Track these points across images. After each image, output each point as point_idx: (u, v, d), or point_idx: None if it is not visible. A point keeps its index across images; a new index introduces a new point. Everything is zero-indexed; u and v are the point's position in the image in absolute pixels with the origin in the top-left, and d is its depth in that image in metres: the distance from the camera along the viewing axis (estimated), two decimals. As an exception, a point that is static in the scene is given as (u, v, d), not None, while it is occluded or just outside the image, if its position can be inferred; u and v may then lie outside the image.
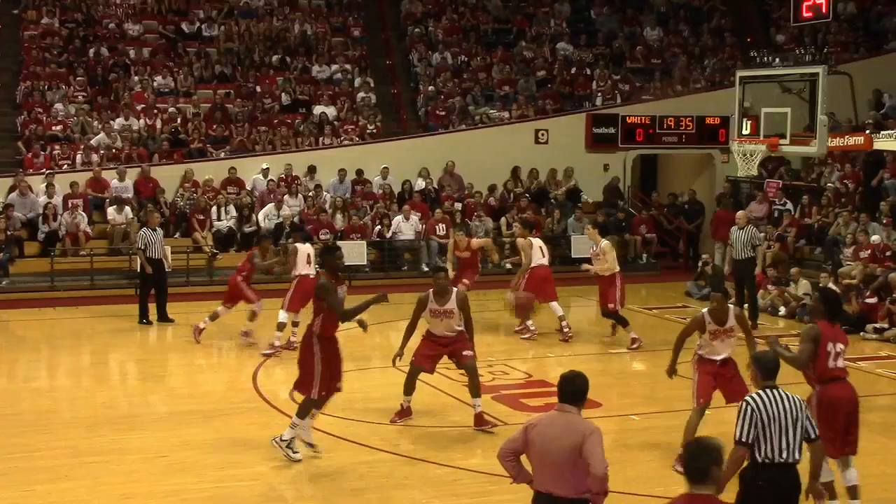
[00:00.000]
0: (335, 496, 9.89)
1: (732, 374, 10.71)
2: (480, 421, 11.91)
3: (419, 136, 25.92)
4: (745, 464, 7.27)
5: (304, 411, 10.70)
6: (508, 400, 13.20)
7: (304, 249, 16.26)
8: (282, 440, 10.66)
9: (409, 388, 12.10)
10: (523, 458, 6.79)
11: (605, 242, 16.68)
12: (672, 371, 10.91)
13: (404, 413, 12.13)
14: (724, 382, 10.64)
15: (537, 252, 17.12)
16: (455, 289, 12.35)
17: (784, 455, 7.21)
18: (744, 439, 7.20)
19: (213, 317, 16.73)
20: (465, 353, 11.95)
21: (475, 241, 17.72)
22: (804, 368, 9.10)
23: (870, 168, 22.45)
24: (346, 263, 16.28)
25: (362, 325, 11.25)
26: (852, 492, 9.36)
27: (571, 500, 6.50)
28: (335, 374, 10.80)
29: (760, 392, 7.34)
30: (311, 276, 15.72)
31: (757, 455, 7.22)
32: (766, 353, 7.81)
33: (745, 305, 17.87)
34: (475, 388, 11.96)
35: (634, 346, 16.15)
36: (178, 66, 26.51)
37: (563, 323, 16.99)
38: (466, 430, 11.96)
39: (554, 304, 17.11)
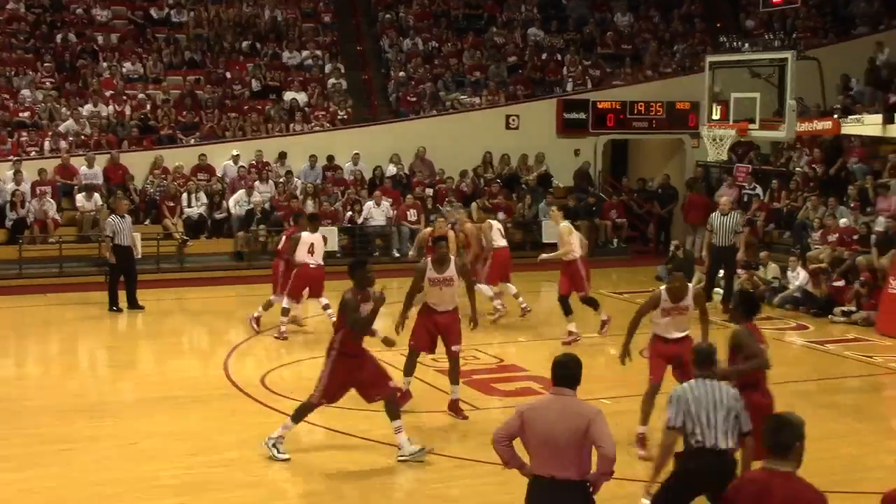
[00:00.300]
0: (311, 481, 9.91)
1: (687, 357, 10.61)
2: (455, 408, 11.96)
3: (390, 121, 25.88)
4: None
5: (298, 415, 10.44)
6: (479, 385, 13.25)
7: (309, 239, 15.93)
8: (269, 439, 10.41)
9: (408, 369, 12.08)
10: (516, 443, 6.77)
11: (562, 225, 16.00)
12: (626, 354, 10.76)
13: (405, 396, 11.95)
14: (677, 364, 10.56)
15: (497, 234, 17.19)
16: (454, 257, 12.32)
17: (714, 441, 7.25)
18: (671, 424, 7.31)
19: (267, 306, 16.33)
20: (453, 348, 11.94)
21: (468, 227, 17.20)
22: (768, 367, 9.02)
23: (830, 154, 22.55)
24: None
25: (388, 342, 10.99)
26: None
27: (574, 482, 6.51)
28: (339, 392, 10.38)
29: (692, 381, 7.45)
30: (312, 266, 15.76)
31: (690, 440, 7.31)
32: (701, 344, 7.95)
33: (716, 290, 17.97)
34: (454, 376, 12.00)
35: (604, 330, 16.06)
36: (148, 52, 26.32)
37: (520, 299, 17.12)
38: (437, 416, 11.99)
39: (509, 285, 17.20)
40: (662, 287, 10.77)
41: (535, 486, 6.65)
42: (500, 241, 17.23)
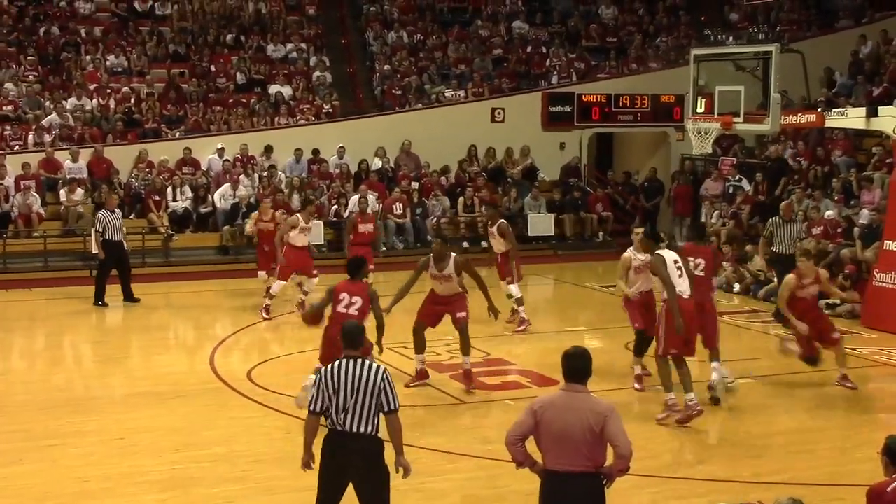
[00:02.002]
0: (298, 476, 9.87)
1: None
2: (468, 377, 12.62)
3: (375, 115, 25.84)
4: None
5: None
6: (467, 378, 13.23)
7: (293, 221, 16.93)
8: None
9: (418, 346, 12.69)
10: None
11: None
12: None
13: (420, 376, 12.73)
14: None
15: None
16: (454, 255, 12.73)
17: (348, 424, 7.15)
18: (311, 408, 7.29)
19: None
20: (458, 314, 12.60)
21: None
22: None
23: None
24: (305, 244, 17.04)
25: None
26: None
27: (589, 475, 6.55)
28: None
29: (336, 362, 7.30)
30: (297, 247, 16.63)
31: (328, 421, 7.26)
32: (348, 323, 7.78)
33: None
34: (465, 347, 12.60)
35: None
36: (131, 45, 26.21)
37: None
38: (426, 409, 12.00)
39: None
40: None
41: (550, 480, 6.65)
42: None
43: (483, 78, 26.84)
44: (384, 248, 22.64)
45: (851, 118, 16.88)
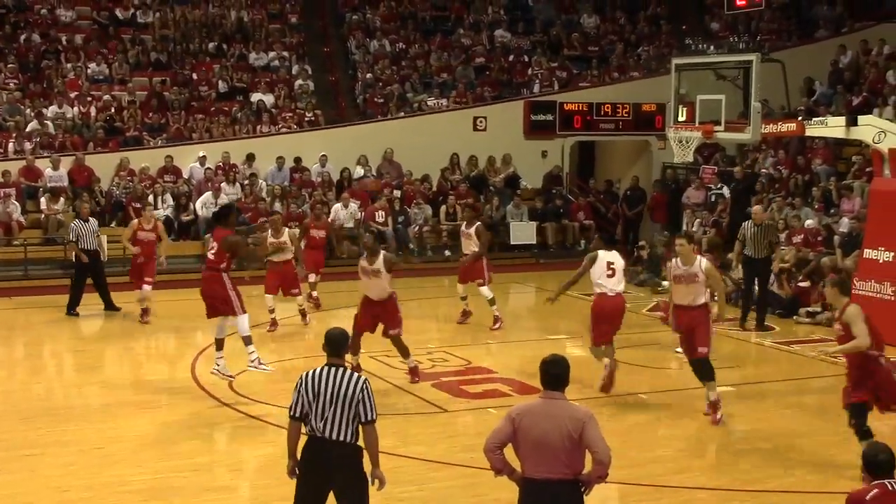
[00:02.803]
0: (280, 484, 9.85)
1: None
2: (415, 373, 13.34)
3: (357, 123, 25.84)
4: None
5: None
6: (448, 387, 13.25)
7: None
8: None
9: (353, 348, 12.89)
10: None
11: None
12: None
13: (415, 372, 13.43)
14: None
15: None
16: (384, 252, 13.25)
17: (327, 432, 7.14)
18: (291, 413, 7.30)
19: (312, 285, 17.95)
20: (391, 331, 13.11)
21: None
22: None
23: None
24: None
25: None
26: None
27: (568, 482, 6.56)
28: None
29: (317, 368, 7.30)
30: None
31: (307, 428, 7.27)
32: (333, 330, 7.63)
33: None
34: (404, 352, 13.32)
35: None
36: (113, 53, 26.16)
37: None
38: (406, 417, 12.00)
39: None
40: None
41: (528, 488, 6.66)
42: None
43: (465, 86, 26.89)
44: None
45: (831, 127, 16.97)
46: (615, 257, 12.87)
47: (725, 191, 23.50)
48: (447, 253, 22.84)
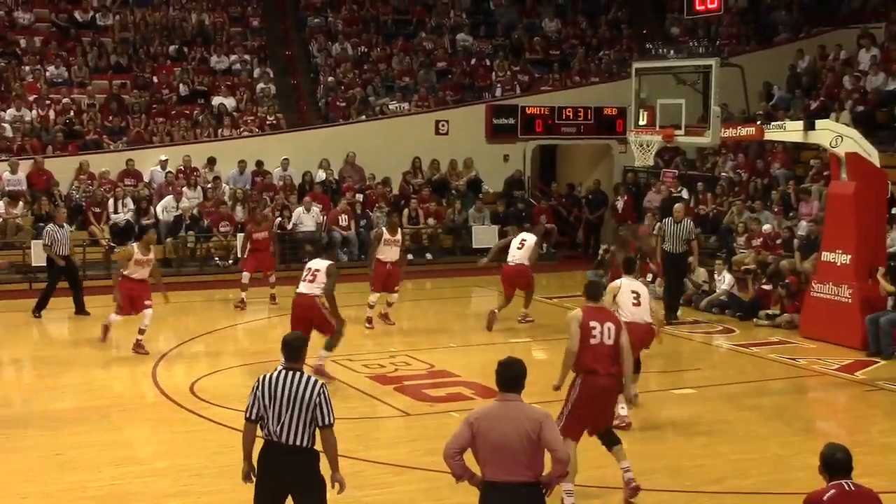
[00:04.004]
0: (240, 489, 9.80)
1: None
2: (320, 371, 13.05)
3: (319, 126, 25.80)
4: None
5: None
6: (411, 391, 13.25)
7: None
8: None
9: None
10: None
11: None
12: None
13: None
14: None
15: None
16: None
17: (284, 436, 7.13)
18: (247, 415, 7.27)
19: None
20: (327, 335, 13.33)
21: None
22: None
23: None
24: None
25: None
26: None
27: (529, 484, 6.58)
28: None
29: (274, 371, 7.31)
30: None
31: (263, 432, 7.24)
32: (290, 335, 7.69)
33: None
34: (330, 346, 13.42)
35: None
36: (72, 55, 25.94)
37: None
38: (368, 421, 11.98)
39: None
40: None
41: (489, 492, 6.67)
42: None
43: (427, 90, 26.90)
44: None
45: (790, 131, 17.10)
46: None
47: (685, 194, 23.66)
48: (410, 256, 22.81)
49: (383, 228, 17.75)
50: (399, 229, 17.49)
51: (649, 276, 18.00)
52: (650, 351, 12.42)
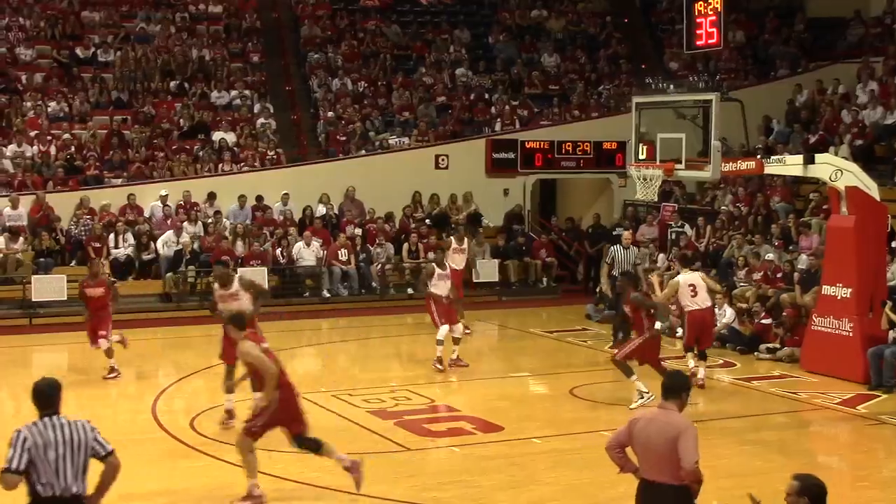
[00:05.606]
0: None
1: None
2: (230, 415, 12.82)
3: (319, 161, 25.87)
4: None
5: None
6: (412, 425, 13.18)
7: None
8: None
9: (230, 388, 12.84)
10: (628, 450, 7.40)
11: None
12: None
13: (229, 415, 12.85)
14: None
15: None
16: (237, 275, 13.58)
17: (58, 487, 6.93)
18: (13, 466, 6.83)
19: None
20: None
21: None
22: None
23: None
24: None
25: None
26: None
27: (672, 487, 7.09)
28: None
29: (41, 423, 7.13)
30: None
31: (28, 488, 6.92)
32: (39, 382, 7.56)
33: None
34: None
35: None
36: (73, 91, 26.06)
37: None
38: (367, 457, 11.92)
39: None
40: None
41: (641, 487, 7.29)
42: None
43: (427, 125, 26.99)
44: (327, 295, 22.66)
45: (789, 165, 17.13)
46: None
47: (687, 228, 23.67)
48: (409, 291, 22.83)
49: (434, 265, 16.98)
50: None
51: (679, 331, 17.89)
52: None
